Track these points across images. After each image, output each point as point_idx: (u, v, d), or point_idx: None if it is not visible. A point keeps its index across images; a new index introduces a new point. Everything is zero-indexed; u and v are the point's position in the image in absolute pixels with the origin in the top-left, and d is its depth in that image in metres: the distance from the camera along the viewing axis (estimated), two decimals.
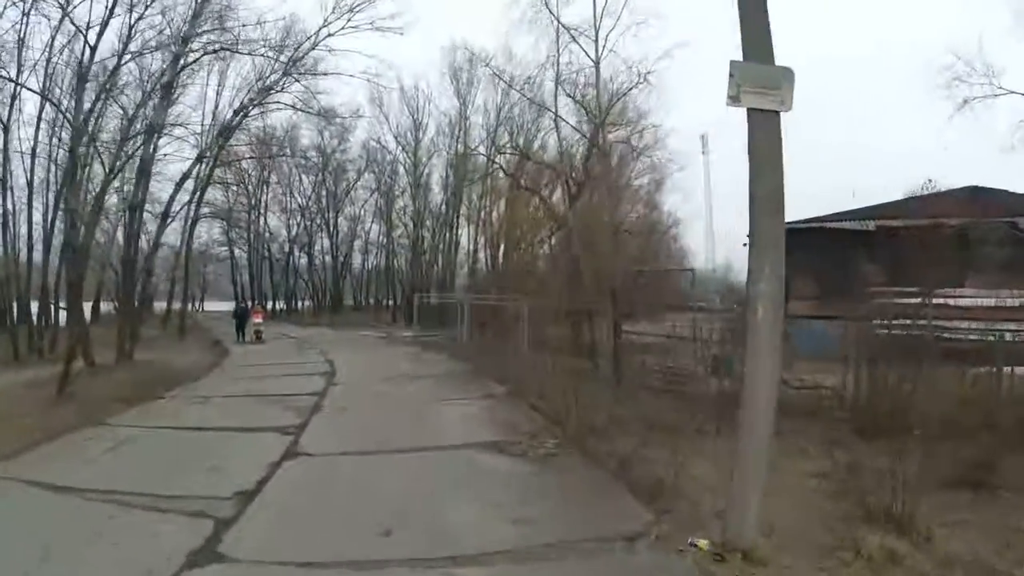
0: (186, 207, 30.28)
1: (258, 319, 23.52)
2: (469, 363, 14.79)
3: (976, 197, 15.60)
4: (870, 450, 5.81)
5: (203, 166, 29.87)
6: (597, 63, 14.23)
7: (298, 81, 20.66)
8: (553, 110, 16.35)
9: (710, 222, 43.65)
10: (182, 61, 16.42)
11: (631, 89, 13.90)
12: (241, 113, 20.46)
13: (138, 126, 23.77)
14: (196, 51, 16.30)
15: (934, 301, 12.13)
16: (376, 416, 8.79)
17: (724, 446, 5.62)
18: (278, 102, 20.66)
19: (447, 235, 40.34)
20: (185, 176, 19.19)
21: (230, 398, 10.72)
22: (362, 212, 45.04)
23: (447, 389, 11.05)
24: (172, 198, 19.03)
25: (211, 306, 50.03)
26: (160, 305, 39.30)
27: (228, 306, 36.47)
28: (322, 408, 9.38)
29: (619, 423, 7.62)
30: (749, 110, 3.96)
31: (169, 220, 33.98)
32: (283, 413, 9.06)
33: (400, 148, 40.14)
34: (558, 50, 15.67)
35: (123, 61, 17.32)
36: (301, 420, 8.53)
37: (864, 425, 7.17)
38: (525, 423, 8.09)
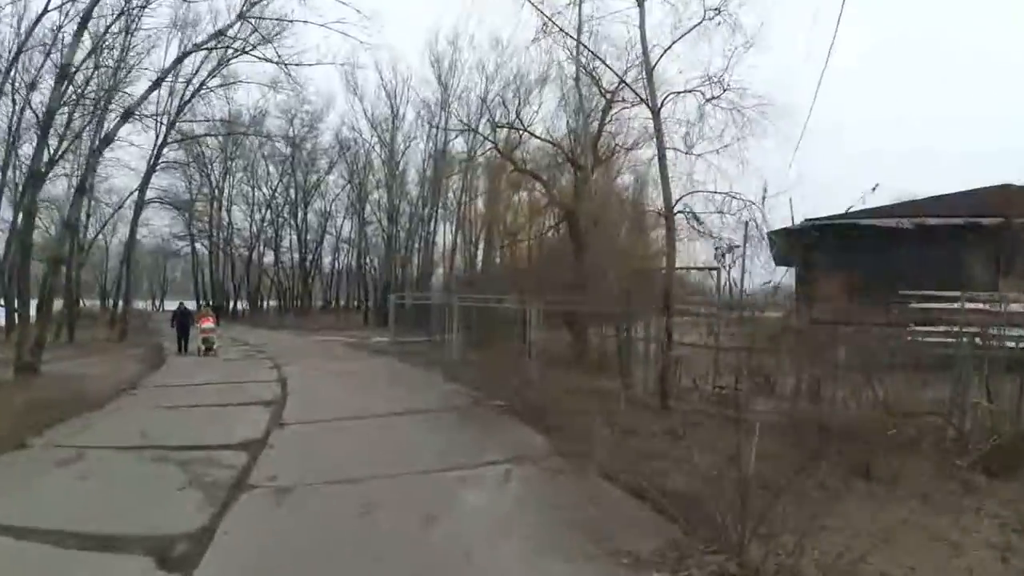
0: (137, 193, 25.97)
1: (207, 324, 18.02)
2: (469, 385, 10.79)
3: (1007, 194, 14.08)
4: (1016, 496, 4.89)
5: (156, 142, 25.46)
6: (641, 2, 10.32)
7: (264, 39, 16.40)
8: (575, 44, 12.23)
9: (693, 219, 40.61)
10: None
11: (697, 26, 9.90)
12: (183, 61, 15.98)
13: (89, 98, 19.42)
14: None
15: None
16: (343, 511, 4.64)
17: (887, 516, 4.50)
18: (229, 48, 16.19)
19: (424, 231, 36.20)
20: (107, 139, 14.62)
21: (119, 451, 6.51)
22: (333, 207, 40.61)
23: (455, 439, 6.94)
24: (90, 165, 14.40)
25: (173, 305, 44.93)
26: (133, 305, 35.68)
27: (190, 306, 31.20)
28: (249, 486, 5.19)
29: (715, 482, 4.51)
30: None
31: (123, 205, 29.64)
32: (180, 497, 4.95)
33: (375, 137, 35.90)
34: None
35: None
36: (204, 520, 4.40)
37: (989, 461, 5.55)
38: (627, 530, 4.15)
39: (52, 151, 22.48)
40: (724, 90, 9.39)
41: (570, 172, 17.78)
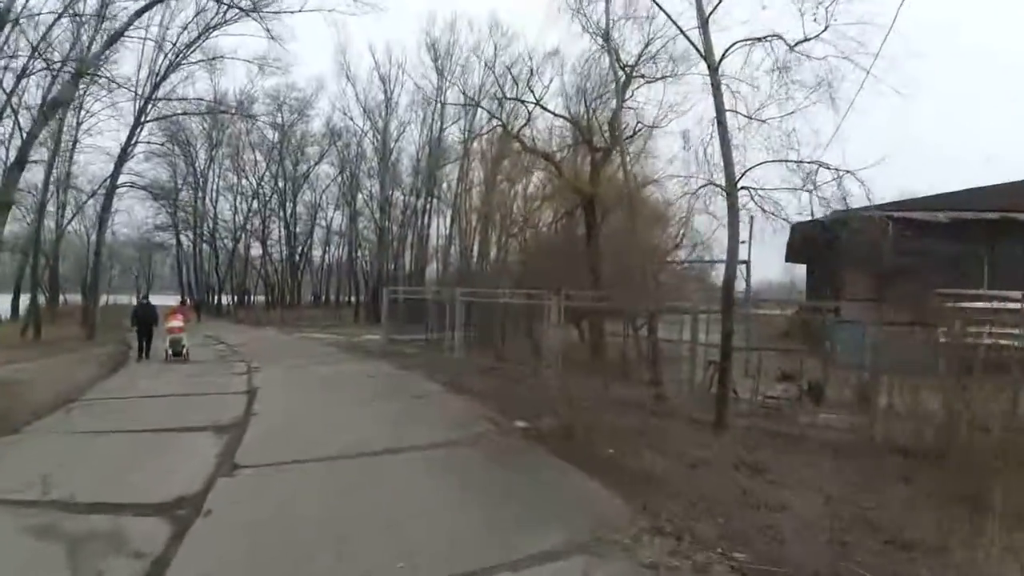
0: (109, 179, 23.62)
1: (176, 323, 14.58)
2: (481, 399, 8.77)
3: None
4: None
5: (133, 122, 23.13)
6: None
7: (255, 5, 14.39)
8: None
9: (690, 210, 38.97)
10: None
11: None
12: (143, 15, 13.78)
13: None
14: None
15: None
16: None
17: None
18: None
19: (418, 223, 34.07)
20: (56, 103, 12.38)
21: (2, 508, 4.44)
22: (323, 199, 38.34)
23: (484, 500, 4.67)
24: (32, 133, 12.10)
25: (158, 300, 42.47)
26: (117, 298, 35.14)
27: (174, 300, 28.66)
28: None
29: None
30: None
31: (96, 192, 27.14)
32: None
33: (368, 124, 33.72)
34: None
35: None
36: None
37: None
38: None
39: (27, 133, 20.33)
40: (825, 28, 7.23)
41: (584, 154, 15.80)
